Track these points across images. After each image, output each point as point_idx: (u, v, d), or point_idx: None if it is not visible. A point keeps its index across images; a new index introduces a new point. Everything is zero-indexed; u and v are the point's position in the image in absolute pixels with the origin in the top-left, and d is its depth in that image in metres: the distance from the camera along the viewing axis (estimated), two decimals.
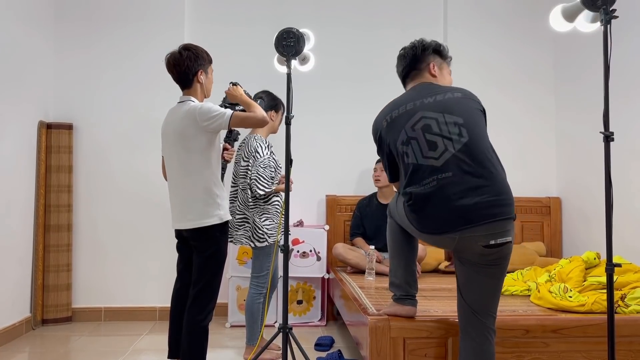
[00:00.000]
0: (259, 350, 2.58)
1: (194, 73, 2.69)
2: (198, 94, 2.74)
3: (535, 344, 2.32)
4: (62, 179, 4.07)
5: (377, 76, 4.49)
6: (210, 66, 2.81)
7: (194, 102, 2.67)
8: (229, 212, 2.73)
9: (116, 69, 4.27)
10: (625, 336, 2.33)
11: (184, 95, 2.74)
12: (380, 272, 3.76)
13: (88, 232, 4.20)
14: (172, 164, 2.72)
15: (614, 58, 3.28)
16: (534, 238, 4.34)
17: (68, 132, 4.12)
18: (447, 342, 2.30)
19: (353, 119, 4.46)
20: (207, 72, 2.77)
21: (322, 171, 4.41)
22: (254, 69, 4.23)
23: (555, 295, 2.73)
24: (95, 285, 4.18)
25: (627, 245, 3.45)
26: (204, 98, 2.79)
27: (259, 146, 3.27)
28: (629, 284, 2.75)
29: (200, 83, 2.73)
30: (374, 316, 2.36)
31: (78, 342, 3.63)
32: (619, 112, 3.51)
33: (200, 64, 2.71)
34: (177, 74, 2.70)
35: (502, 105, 4.48)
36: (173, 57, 2.69)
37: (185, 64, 2.66)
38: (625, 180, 3.51)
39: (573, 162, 4.23)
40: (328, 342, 3.49)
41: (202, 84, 2.74)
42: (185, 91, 2.74)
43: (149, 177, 4.14)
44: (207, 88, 2.79)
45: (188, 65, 2.67)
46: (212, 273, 2.67)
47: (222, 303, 4.07)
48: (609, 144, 1.97)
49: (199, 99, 2.73)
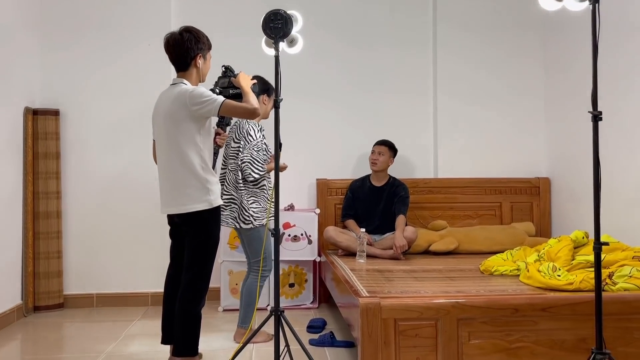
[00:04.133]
0: (251, 333, 2.59)
1: (193, 57, 2.66)
2: (193, 78, 2.70)
3: (525, 322, 2.35)
4: (49, 166, 4.02)
5: (368, 59, 4.46)
6: (209, 52, 2.77)
7: (186, 84, 2.64)
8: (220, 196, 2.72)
9: (103, 54, 4.20)
10: (612, 314, 2.36)
11: (177, 78, 2.70)
12: (371, 254, 3.78)
13: (78, 219, 4.17)
14: (161, 148, 2.70)
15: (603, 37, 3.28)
16: (524, 218, 4.37)
17: (54, 118, 4.07)
18: (437, 323, 2.32)
19: (344, 103, 4.44)
20: (205, 57, 2.73)
21: (313, 155, 4.40)
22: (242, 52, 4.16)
23: (544, 275, 2.76)
24: (87, 272, 4.16)
25: (615, 224, 3.48)
26: (198, 83, 2.75)
27: (252, 129, 3.25)
28: (616, 262, 2.78)
29: (197, 67, 2.70)
30: (365, 298, 2.38)
31: (70, 329, 3.63)
32: (608, 91, 3.52)
33: (200, 48, 2.67)
34: (175, 55, 2.66)
35: (491, 87, 4.47)
36: (173, 38, 2.64)
37: (185, 46, 2.62)
38: (614, 160, 3.53)
39: (562, 142, 4.25)
40: (320, 324, 3.52)
41: (198, 69, 2.70)
42: (179, 73, 2.70)
43: (139, 163, 4.10)
44: (203, 73, 2.75)
45: (188, 48, 2.63)
46: (204, 259, 2.67)
47: (215, 287, 4.06)
48: (597, 123, 1.98)
49: (193, 82, 2.69)
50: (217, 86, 2.97)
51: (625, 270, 2.64)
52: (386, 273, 3.25)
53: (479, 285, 2.85)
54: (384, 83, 4.47)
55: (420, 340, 2.32)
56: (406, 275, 3.17)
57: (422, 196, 4.32)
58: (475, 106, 4.45)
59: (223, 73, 3.02)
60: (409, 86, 4.49)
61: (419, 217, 4.32)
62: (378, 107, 4.46)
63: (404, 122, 4.46)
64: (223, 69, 3.02)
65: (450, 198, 4.37)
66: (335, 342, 3.19)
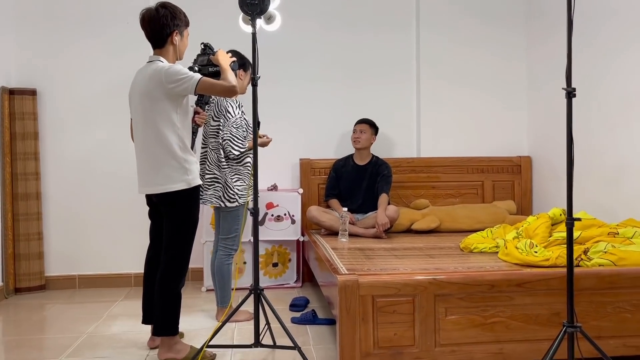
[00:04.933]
0: (231, 312, 2.60)
1: (169, 33, 2.61)
2: (170, 56, 2.66)
3: (500, 297, 2.38)
4: (28, 147, 3.97)
5: (350, 37, 4.42)
6: (187, 29, 2.72)
7: (162, 62, 2.59)
8: (199, 176, 2.71)
9: (80, 32, 4.12)
10: (586, 289, 2.40)
11: (153, 55, 2.65)
12: (353, 233, 3.80)
13: (58, 200, 4.13)
14: (138, 127, 2.66)
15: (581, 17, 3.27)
16: (505, 197, 4.41)
17: (32, 97, 4.00)
18: (415, 299, 2.34)
19: (326, 83, 4.40)
20: (182, 34, 2.68)
21: (296, 135, 4.38)
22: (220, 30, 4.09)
23: (522, 251, 2.80)
24: (69, 253, 4.14)
25: (592, 202, 3.53)
26: (175, 60, 2.71)
27: (230, 105, 3.23)
28: (592, 238, 2.82)
29: (174, 44, 2.65)
30: (344, 275, 2.39)
31: (52, 310, 3.62)
32: (587, 70, 3.53)
33: (177, 24, 2.62)
34: (151, 31, 2.61)
35: (474, 66, 4.46)
36: (149, 14, 2.59)
37: (161, 22, 2.57)
38: (592, 139, 3.56)
39: (544, 121, 4.27)
40: (303, 303, 3.55)
41: (175, 46, 2.66)
42: (156, 51, 2.66)
43: (119, 142, 4.05)
44: (180, 51, 2.71)
45: (163, 24, 2.58)
46: (183, 239, 2.66)
47: (197, 268, 4.09)
48: (571, 100, 1.98)
49: (170, 60, 2.65)
50: (195, 64, 2.93)
51: (600, 246, 2.68)
52: (367, 251, 3.27)
53: (458, 262, 2.88)
54: (366, 62, 4.44)
55: (398, 317, 2.34)
56: (387, 254, 3.19)
57: (404, 175, 4.34)
58: (457, 85, 4.45)
59: (202, 50, 2.98)
60: (392, 65, 4.46)
61: (401, 196, 4.34)
62: (360, 86, 4.43)
63: (386, 102, 4.45)
64: (202, 46, 2.98)
65: (433, 177, 4.39)
66: (317, 319, 3.22)
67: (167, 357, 2.61)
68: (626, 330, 2.43)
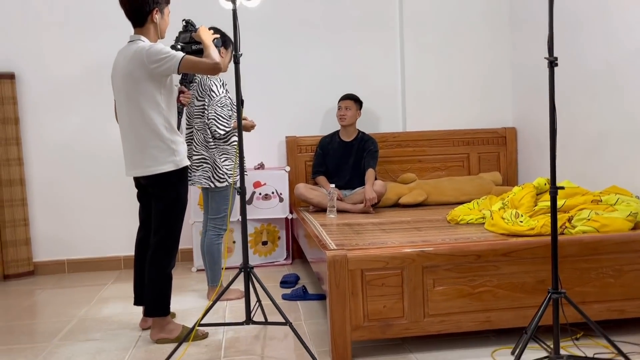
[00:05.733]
0: (221, 290, 2.61)
1: (149, 11, 2.55)
2: (151, 35, 2.60)
3: (487, 267, 2.42)
4: (8, 132, 3.91)
5: (332, 11, 4.36)
6: (168, 7, 2.66)
7: (143, 42, 2.55)
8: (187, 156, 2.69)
9: (57, 13, 4.02)
10: (570, 256, 2.45)
11: (134, 35, 2.60)
12: (341, 209, 3.82)
13: (42, 186, 4.08)
14: (121, 109, 2.63)
15: None
16: (491, 168, 4.44)
17: (10, 81, 3.92)
18: (403, 272, 2.37)
19: (308, 59, 4.36)
20: (162, 12, 2.62)
21: (281, 112, 4.35)
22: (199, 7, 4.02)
23: (508, 221, 2.84)
24: (56, 238, 4.11)
25: (576, 171, 3.56)
26: (157, 39, 2.66)
27: (214, 84, 3.19)
28: (576, 206, 2.86)
29: (155, 23, 2.59)
30: (332, 251, 2.41)
31: (42, 295, 3.62)
32: (568, 39, 3.53)
33: (157, 2, 2.56)
34: (130, 10, 2.55)
35: (457, 38, 4.44)
36: None
37: (140, 0, 2.51)
38: (574, 107, 3.58)
39: (528, 92, 4.28)
40: (293, 280, 3.58)
41: (156, 24, 2.60)
42: (136, 30, 2.60)
43: (102, 125, 4.00)
44: (161, 29, 2.65)
45: (142, 2, 2.52)
46: (173, 220, 2.65)
47: (187, 249, 4.09)
48: (553, 69, 1.99)
49: (151, 39, 2.60)
50: (178, 42, 2.87)
51: (584, 214, 2.72)
52: (356, 227, 3.29)
53: (445, 234, 2.92)
54: (349, 36, 4.39)
55: (387, 289, 2.37)
56: (375, 228, 3.22)
57: (391, 150, 4.34)
58: (441, 57, 4.43)
59: (184, 28, 2.92)
60: (375, 38, 4.42)
61: (388, 171, 4.35)
62: (343, 61, 4.39)
63: (370, 76, 4.42)
64: (184, 23, 2.93)
65: (419, 151, 4.40)
66: (307, 295, 3.25)
67: (160, 337, 2.63)
68: (609, 295, 2.49)
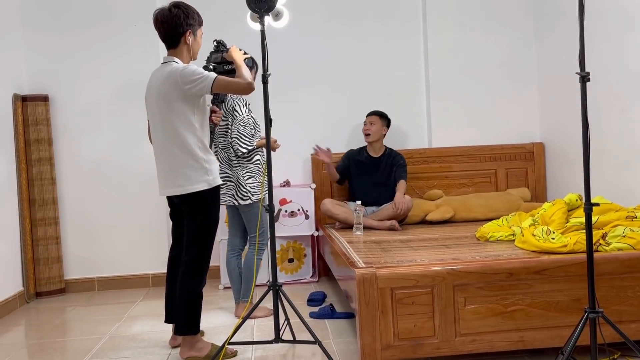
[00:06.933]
0: (251, 308, 2.62)
1: (182, 33, 2.60)
2: (184, 56, 2.65)
3: (520, 285, 2.38)
4: (42, 152, 4.01)
5: (358, 31, 4.41)
6: (200, 29, 2.71)
7: (177, 63, 2.60)
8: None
9: (89, 36, 4.15)
10: (606, 273, 2.39)
11: (168, 56, 2.65)
12: (367, 226, 3.80)
13: (74, 205, 4.17)
14: (156, 129, 2.67)
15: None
16: (519, 184, 4.39)
17: (44, 104, 4.04)
18: (433, 290, 2.35)
19: (333, 75, 4.40)
20: (195, 34, 2.67)
21: (306, 130, 4.38)
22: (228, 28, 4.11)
23: (539, 238, 2.78)
24: (87, 257, 4.18)
25: (608, 186, 3.49)
26: (190, 60, 2.70)
27: (237, 104, 3.25)
28: (610, 222, 2.80)
29: (188, 44, 2.64)
30: (361, 268, 2.40)
31: (73, 313, 3.67)
32: (599, 53, 3.49)
33: (190, 24, 2.61)
34: (164, 31, 2.61)
35: (482, 52, 4.43)
36: (162, 14, 2.59)
37: (174, 22, 2.57)
38: (606, 122, 3.52)
39: (555, 106, 4.23)
40: (320, 297, 3.56)
41: (189, 46, 2.65)
42: (170, 51, 2.65)
43: (134, 145, 4.09)
44: (194, 50, 2.70)
45: (176, 24, 2.57)
46: (204, 239, 2.67)
47: (214, 266, 4.07)
48: (585, 84, 1.97)
49: (184, 60, 2.64)
50: (209, 62, 2.93)
51: (619, 230, 2.65)
52: (383, 244, 3.27)
53: (475, 251, 2.87)
54: (374, 54, 4.43)
55: (417, 308, 2.34)
56: (402, 245, 3.19)
57: (417, 166, 4.33)
58: (467, 74, 4.42)
59: (215, 48, 2.99)
60: (400, 56, 4.45)
61: (414, 187, 4.33)
62: (369, 79, 4.42)
63: (396, 93, 4.43)
64: (215, 43, 2.99)
65: (445, 167, 4.37)
66: (335, 314, 3.23)
67: (189, 355, 2.64)
68: None
